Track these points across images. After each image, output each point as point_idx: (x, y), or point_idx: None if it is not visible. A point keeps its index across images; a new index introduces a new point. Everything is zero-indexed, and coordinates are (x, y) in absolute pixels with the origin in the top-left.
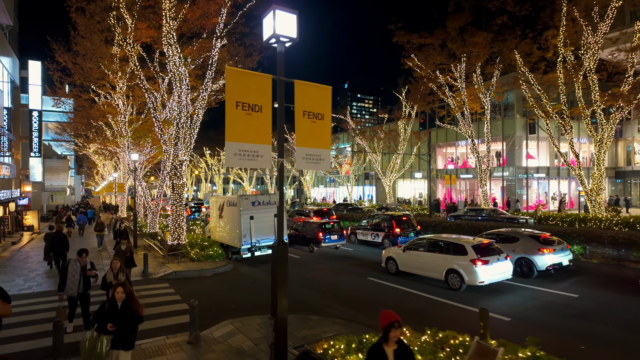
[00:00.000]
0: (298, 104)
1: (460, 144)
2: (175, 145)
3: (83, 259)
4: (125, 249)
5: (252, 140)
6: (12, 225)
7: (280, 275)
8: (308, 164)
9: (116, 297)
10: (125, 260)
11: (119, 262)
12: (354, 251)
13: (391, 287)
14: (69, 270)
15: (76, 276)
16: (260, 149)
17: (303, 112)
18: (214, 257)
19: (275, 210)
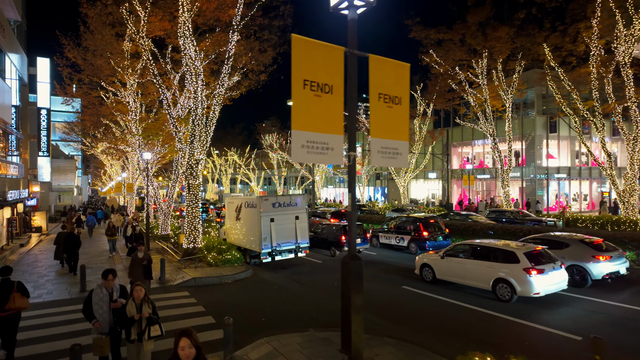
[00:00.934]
0: (373, 84)
1: (476, 143)
2: (191, 144)
3: (110, 283)
4: (143, 257)
5: (322, 128)
6: (20, 227)
7: (355, 299)
8: (384, 159)
9: (180, 355)
10: (142, 271)
11: (142, 288)
12: (378, 255)
13: (431, 297)
14: (93, 299)
15: (104, 307)
16: (331, 140)
17: (378, 95)
18: (232, 262)
19: (297, 212)
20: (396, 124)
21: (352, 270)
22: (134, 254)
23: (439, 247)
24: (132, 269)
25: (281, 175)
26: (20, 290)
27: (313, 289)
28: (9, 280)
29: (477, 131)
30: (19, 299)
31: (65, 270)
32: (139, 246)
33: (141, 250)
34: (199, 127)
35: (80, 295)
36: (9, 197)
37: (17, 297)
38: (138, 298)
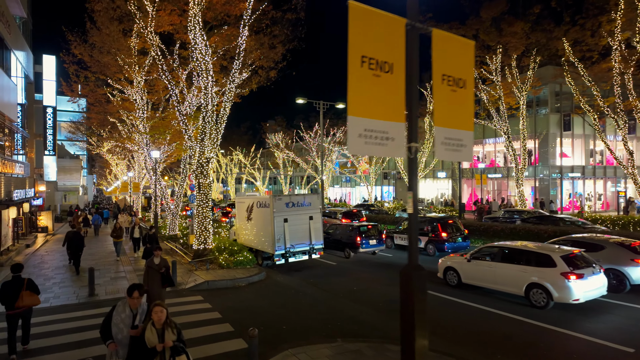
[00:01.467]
0: (437, 64)
1: (487, 141)
2: (201, 142)
3: (135, 302)
4: (160, 264)
5: (381, 115)
6: (26, 227)
7: (419, 318)
8: (448, 152)
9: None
10: (159, 279)
11: (164, 309)
12: (394, 257)
13: (459, 303)
14: (113, 320)
15: (125, 331)
16: (392, 128)
17: (442, 77)
18: (244, 264)
19: (311, 212)
20: (461, 110)
21: (416, 284)
22: (150, 260)
23: (458, 249)
24: (148, 277)
25: (287, 174)
26: (30, 288)
27: (332, 293)
28: (19, 277)
29: (488, 129)
30: (27, 297)
31: (73, 271)
32: (156, 251)
33: (158, 255)
34: (210, 124)
35: (89, 300)
36: (14, 197)
37: (26, 295)
38: (159, 322)
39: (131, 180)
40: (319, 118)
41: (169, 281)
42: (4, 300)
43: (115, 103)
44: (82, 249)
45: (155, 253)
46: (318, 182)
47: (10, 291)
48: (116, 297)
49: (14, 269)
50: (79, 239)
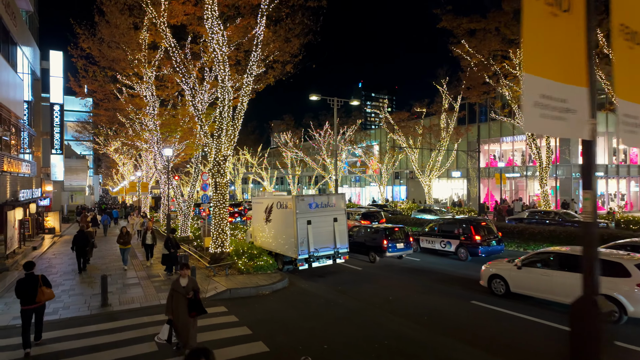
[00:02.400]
0: (616, 10)
1: (505, 140)
2: (218, 138)
3: None
4: (187, 286)
5: (559, 74)
6: (33, 228)
7: None
8: (626, 134)
9: None
10: (187, 304)
11: None
12: (422, 262)
13: (514, 316)
14: None
15: None
16: (571, 95)
17: (619, 27)
18: (264, 269)
19: (335, 214)
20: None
21: (597, 331)
22: (175, 281)
23: (492, 253)
24: (173, 303)
25: (295, 174)
26: (45, 284)
27: (366, 303)
28: (32, 274)
29: (505, 128)
30: (46, 292)
31: (84, 278)
32: (182, 270)
33: (184, 275)
34: (226, 120)
35: (102, 311)
36: (21, 197)
37: (45, 290)
38: None
39: (140, 180)
40: (328, 116)
41: (199, 308)
42: (21, 297)
43: (124, 99)
44: (87, 245)
45: (181, 273)
46: (327, 182)
47: (27, 288)
48: (131, 307)
49: (26, 266)
50: (83, 237)
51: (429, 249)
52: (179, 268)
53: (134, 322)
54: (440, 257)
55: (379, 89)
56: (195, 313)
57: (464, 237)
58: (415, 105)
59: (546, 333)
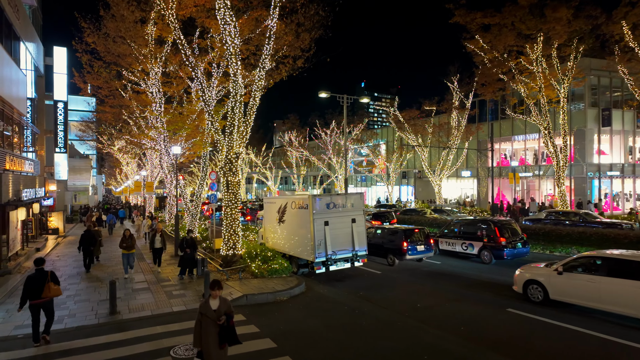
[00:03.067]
0: None
1: (517, 138)
2: (230, 135)
3: None
4: (219, 309)
5: None
6: (36, 229)
7: None
8: None
9: None
10: (217, 334)
11: None
12: (443, 265)
13: (559, 326)
14: None
15: None
16: None
17: None
18: (279, 272)
19: (354, 214)
20: None
21: None
22: (204, 304)
23: (518, 256)
24: (201, 331)
25: (300, 174)
26: (53, 280)
27: (394, 311)
28: (42, 270)
29: (517, 126)
30: (53, 287)
31: (90, 280)
32: (214, 290)
33: (216, 296)
34: (238, 115)
35: (111, 320)
36: (23, 197)
37: (51, 287)
38: None
39: (144, 179)
40: (335, 115)
41: (232, 337)
42: (29, 292)
43: (129, 96)
44: (93, 244)
45: (211, 293)
46: (333, 182)
47: (36, 283)
48: (142, 315)
49: (37, 262)
50: (90, 235)
51: (448, 251)
52: (210, 287)
53: (147, 333)
54: (461, 260)
55: (382, 88)
56: (226, 345)
57: (487, 239)
58: (424, 103)
59: (603, 346)
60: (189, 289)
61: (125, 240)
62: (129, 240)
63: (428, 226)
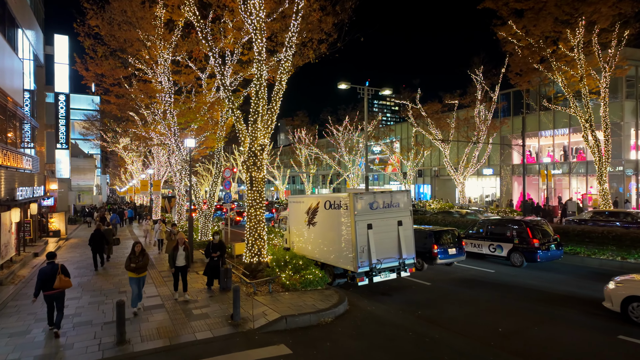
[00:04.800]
0: None
1: (544, 134)
2: (254, 124)
3: None
4: None
5: None
6: (35, 231)
7: None
8: None
9: None
10: None
11: None
12: (476, 269)
13: None
14: None
15: None
16: None
17: None
18: (314, 284)
19: (400, 215)
20: None
21: None
22: None
23: (551, 259)
24: None
25: (309, 173)
26: (64, 272)
27: (474, 338)
28: (53, 263)
29: (543, 122)
30: (63, 279)
31: (95, 296)
32: None
33: None
34: (263, 102)
35: (118, 354)
36: (18, 196)
37: (62, 278)
38: None
39: (151, 178)
40: (348, 111)
41: None
42: (43, 283)
43: (136, 86)
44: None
45: None
46: (344, 181)
47: (47, 275)
48: (157, 346)
49: (48, 256)
50: (99, 234)
51: (474, 253)
52: None
53: None
54: (490, 262)
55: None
56: None
57: (518, 240)
58: (445, 97)
59: None
60: (211, 306)
61: (135, 257)
62: (139, 258)
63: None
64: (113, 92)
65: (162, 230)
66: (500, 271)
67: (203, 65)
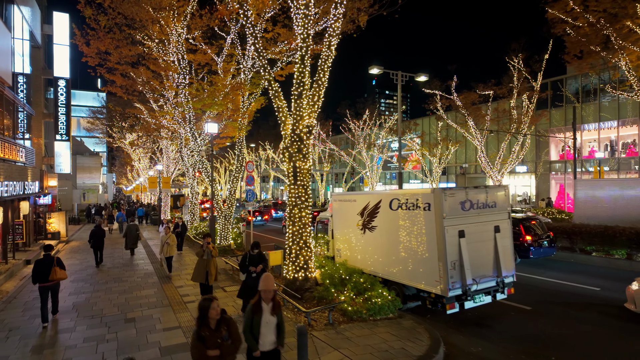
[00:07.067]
0: None
1: (587, 127)
2: (298, 99)
3: None
4: None
5: None
6: (29, 234)
7: None
8: None
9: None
10: None
11: None
12: (567, 284)
13: None
14: None
15: None
16: None
17: None
18: (384, 310)
19: (496, 218)
20: None
21: None
22: None
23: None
24: None
25: (323, 170)
26: (59, 265)
27: None
28: (49, 255)
29: (585, 114)
30: (59, 271)
31: (95, 326)
32: None
33: None
34: (306, 73)
35: None
36: (2, 192)
37: (57, 270)
38: None
39: (160, 175)
40: (367, 104)
41: None
42: (38, 275)
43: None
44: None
45: None
46: (361, 179)
47: (43, 267)
48: None
49: (45, 248)
50: (100, 231)
51: None
52: None
53: None
54: None
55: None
56: None
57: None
58: (477, 87)
59: None
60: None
61: (211, 334)
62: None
63: None
64: (119, 70)
65: (170, 242)
66: (605, 286)
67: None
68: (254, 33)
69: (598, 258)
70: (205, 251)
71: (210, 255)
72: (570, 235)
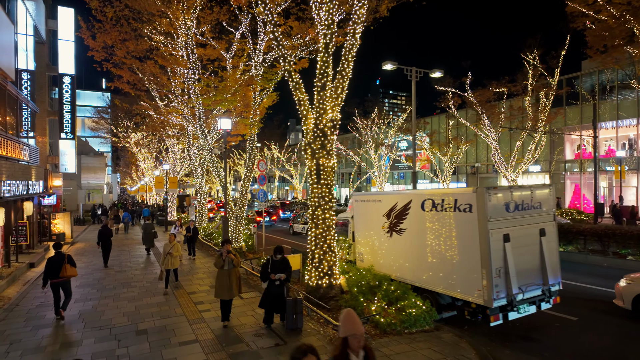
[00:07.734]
0: None
1: (605, 125)
2: (322, 91)
3: None
4: None
5: None
6: (33, 236)
7: None
8: None
9: None
10: None
11: None
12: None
13: None
14: None
15: None
16: None
17: None
18: (420, 322)
19: (541, 221)
20: None
21: None
22: None
23: None
24: None
25: None
26: (70, 262)
27: None
28: (60, 252)
29: (602, 112)
30: (69, 269)
31: (102, 341)
32: None
33: None
34: (331, 64)
35: None
36: (4, 192)
37: (68, 267)
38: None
39: (167, 174)
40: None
41: None
42: (50, 271)
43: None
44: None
45: None
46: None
47: (55, 264)
48: None
49: (55, 246)
50: (107, 231)
51: None
52: None
53: None
54: None
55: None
56: None
57: None
58: (491, 84)
59: None
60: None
61: None
62: None
63: None
64: (126, 64)
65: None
66: None
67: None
68: (272, 20)
69: (635, 262)
70: (225, 260)
71: (232, 265)
72: (601, 237)
